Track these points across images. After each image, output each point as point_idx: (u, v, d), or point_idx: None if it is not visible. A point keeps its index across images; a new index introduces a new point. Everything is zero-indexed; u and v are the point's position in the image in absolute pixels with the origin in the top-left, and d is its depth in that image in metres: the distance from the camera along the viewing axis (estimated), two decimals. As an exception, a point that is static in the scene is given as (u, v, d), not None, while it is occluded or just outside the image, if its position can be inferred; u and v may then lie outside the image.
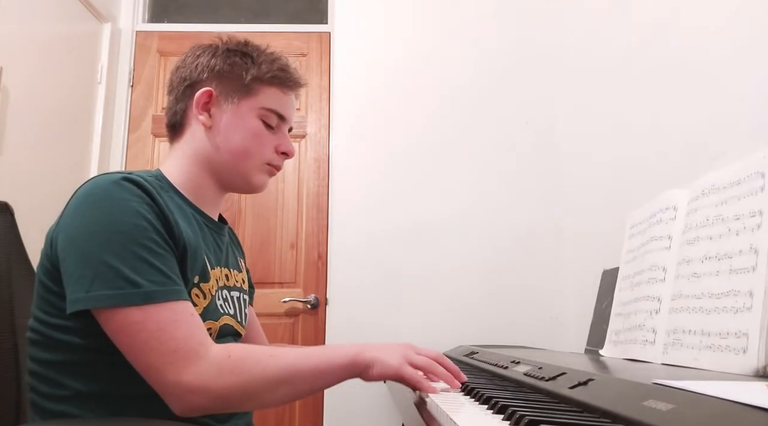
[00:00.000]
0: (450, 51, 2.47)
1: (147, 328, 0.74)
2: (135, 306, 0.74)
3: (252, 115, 0.98)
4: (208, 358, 0.75)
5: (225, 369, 0.75)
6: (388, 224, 2.33)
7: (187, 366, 0.74)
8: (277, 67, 1.00)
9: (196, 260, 0.88)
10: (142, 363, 0.75)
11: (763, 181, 0.83)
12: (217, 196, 1.01)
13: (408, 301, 2.28)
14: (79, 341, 0.80)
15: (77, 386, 0.80)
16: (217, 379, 0.74)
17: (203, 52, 1.00)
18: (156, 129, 2.49)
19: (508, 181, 2.37)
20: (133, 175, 0.83)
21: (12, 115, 1.90)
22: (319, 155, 2.46)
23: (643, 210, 1.26)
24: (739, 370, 0.77)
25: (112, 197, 0.79)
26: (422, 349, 0.86)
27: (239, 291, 1.03)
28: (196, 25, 2.63)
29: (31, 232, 1.08)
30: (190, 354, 0.74)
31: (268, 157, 1.00)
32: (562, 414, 0.60)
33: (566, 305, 2.21)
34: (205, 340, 0.77)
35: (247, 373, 0.76)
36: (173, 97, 1.01)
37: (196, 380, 0.74)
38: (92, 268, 0.75)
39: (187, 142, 0.98)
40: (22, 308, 0.97)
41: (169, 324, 0.75)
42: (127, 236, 0.77)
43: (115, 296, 0.74)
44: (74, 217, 0.80)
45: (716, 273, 0.88)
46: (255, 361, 0.78)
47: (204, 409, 0.76)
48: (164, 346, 0.74)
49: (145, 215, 0.79)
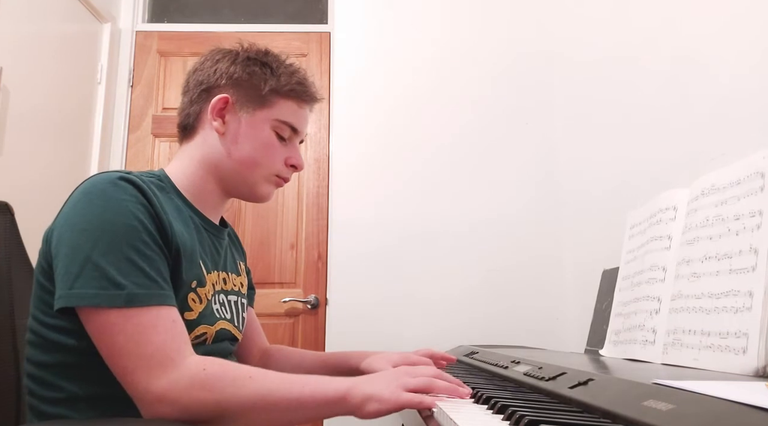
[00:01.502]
0: (451, 50, 2.47)
1: (125, 330, 0.73)
2: (116, 308, 0.73)
3: (266, 125, 0.98)
4: (182, 368, 0.73)
5: (197, 382, 0.72)
6: (388, 224, 2.33)
7: (160, 373, 0.72)
8: (295, 81, 1.00)
9: (191, 264, 0.87)
10: (118, 365, 0.74)
11: (763, 181, 0.83)
12: (220, 200, 1.01)
13: (408, 301, 2.27)
14: (73, 342, 0.79)
15: (73, 388, 0.79)
16: (187, 391, 0.72)
17: (223, 57, 1.00)
18: (156, 129, 2.49)
19: (508, 181, 2.37)
20: (131, 175, 0.82)
21: (12, 115, 1.90)
22: (319, 155, 2.47)
23: (643, 210, 1.26)
24: (739, 370, 0.77)
25: (106, 196, 0.78)
26: (418, 370, 0.82)
27: (237, 295, 1.02)
28: (196, 25, 2.63)
29: (31, 232, 1.08)
30: (165, 361, 0.72)
31: (277, 168, 1.00)
32: (562, 414, 0.60)
33: (566, 305, 2.21)
34: (184, 349, 0.75)
35: (220, 391, 0.72)
36: (188, 98, 1.01)
37: (165, 389, 0.71)
38: (78, 266, 0.74)
39: (197, 145, 0.98)
40: (22, 309, 0.97)
41: (149, 328, 0.74)
42: (117, 236, 0.76)
43: (97, 296, 0.73)
44: (69, 214, 0.79)
45: (716, 273, 0.88)
46: (231, 379, 0.74)
47: (171, 419, 0.73)
48: (140, 349, 0.72)
49: (138, 216, 0.79)
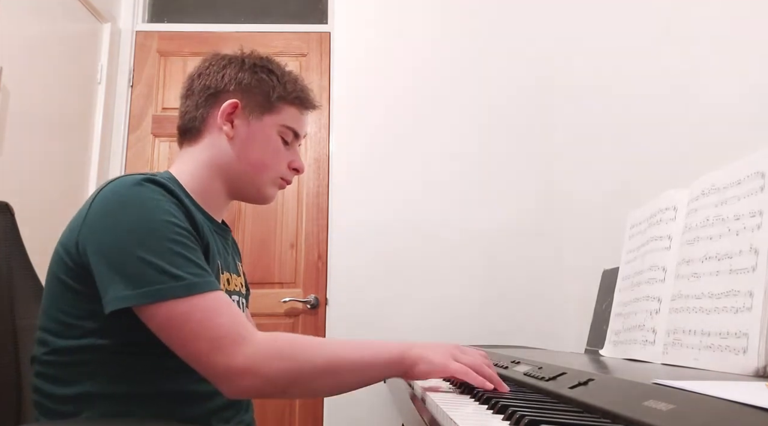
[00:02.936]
0: (451, 50, 2.47)
1: (193, 317, 0.77)
2: (179, 298, 0.77)
3: (273, 131, 1.02)
4: (256, 343, 0.78)
5: (274, 352, 0.78)
6: (388, 224, 2.33)
7: (236, 349, 0.76)
8: (299, 89, 1.05)
9: (212, 265, 0.90)
10: (192, 351, 0.77)
11: (763, 181, 0.83)
12: (224, 202, 1.04)
13: (408, 301, 2.28)
14: (96, 341, 0.81)
15: (87, 387, 0.81)
16: (265, 361, 0.77)
17: (229, 62, 1.03)
18: (156, 129, 2.49)
19: (508, 181, 2.37)
20: (156, 177, 0.85)
21: (12, 115, 1.90)
22: (319, 155, 2.46)
23: (643, 210, 1.26)
24: (739, 370, 0.77)
25: (140, 197, 0.82)
26: (470, 350, 0.86)
27: (238, 295, 1.04)
28: (195, 25, 2.63)
29: (31, 232, 1.08)
30: (238, 339, 0.77)
31: (282, 171, 1.05)
32: (562, 414, 0.60)
33: (566, 305, 2.21)
34: (249, 326, 0.80)
35: (294, 358, 0.78)
36: (192, 102, 1.02)
37: (246, 363, 0.76)
38: (132, 267, 0.77)
39: (204, 148, 1.00)
40: (22, 308, 0.97)
41: (213, 312, 0.78)
42: (161, 233, 0.80)
43: (160, 291, 0.76)
44: (104, 219, 0.81)
45: (716, 273, 0.88)
46: (302, 347, 0.80)
47: (254, 391, 0.79)
48: (211, 332, 0.77)
49: (173, 212, 0.83)
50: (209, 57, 1.05)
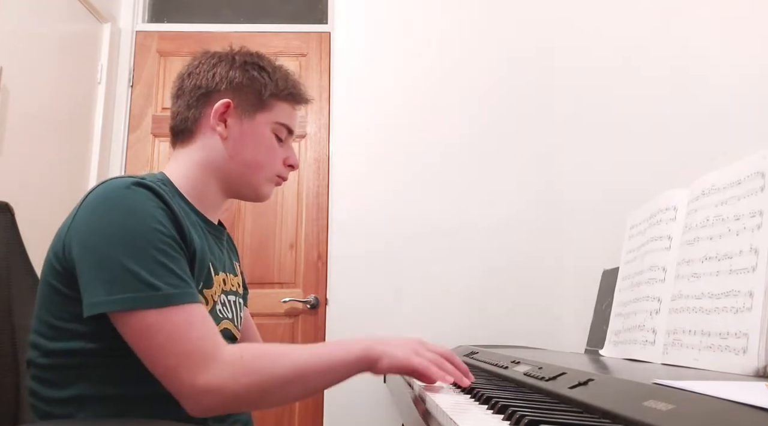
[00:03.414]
0: (451, 51, 2.47)
1: (164, 330, 0.75)
2: (152, 308, 0.75)
3: (266, 128, 1.01)
4: (223, 360, 0.76)
5: (239, 370, 0.76)
6: (388, 224, 2.33)
7: (203, 368, 0.75)
8: (291, 84, 1.03)
9: (202, 267, 0.89)
10: (159, 365, 0.76)
11: (763, 181, 0.83)
12: (220, 202, 1.03)
13: (408, 300, 2.28)
14: (86, 345, 0.80)
15: (81, 389, 0.80)
16: (231, 379, 0.75)
17: (219, 61, 1.01)
18: (156, 129, 2.49)
19: (508, 181, 2.37)
20: (146, 181, 0.83)
21: (12, 115, 1.90)
22: (319, 155, 2.46)
23: (643, 210, 1.26)
24: (739, 370, 0.77)
25: (127, 201, 0.80)
26: (432, 346, 0.85)
27: (235, 295, 1.04)
28: (195, 25, 2.63)
29: (31, 232, 1.08)
30: (205, 356, 0.75)
31: (277, 169, 1.03)
32: (562, 414, 0.60)
33: (566, 305, 2.21)
34: (219, 342, 0.78)
35: (261, 372, 0.77)
36: (183, 102, 1.01)
37: (211, 381, 0.74)
38: (111, 272, 0.76)
39: (198, 148, 0.99)
40: (21, 308, 0.97)
41: (185, 326, 0.76)
42: (144, 240, 0.78)
43: (135, 299, 0.75)
44: (89, 221, 0.80)
45: (716, 273, 0.87)
46: (269, 360, 0.79)
47: (219, 410, 0.78)
48: (180, 347, 0.75)
49: (160, 219, 0.81)
50: (199, 55, 1.03)
